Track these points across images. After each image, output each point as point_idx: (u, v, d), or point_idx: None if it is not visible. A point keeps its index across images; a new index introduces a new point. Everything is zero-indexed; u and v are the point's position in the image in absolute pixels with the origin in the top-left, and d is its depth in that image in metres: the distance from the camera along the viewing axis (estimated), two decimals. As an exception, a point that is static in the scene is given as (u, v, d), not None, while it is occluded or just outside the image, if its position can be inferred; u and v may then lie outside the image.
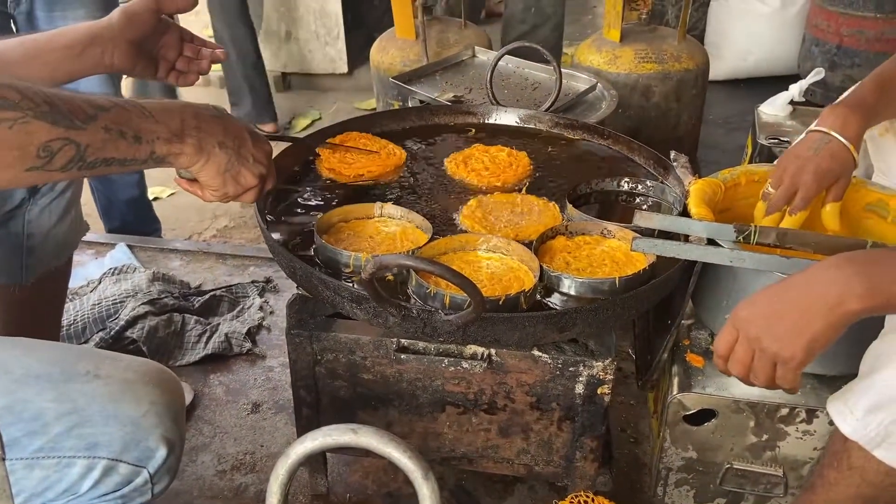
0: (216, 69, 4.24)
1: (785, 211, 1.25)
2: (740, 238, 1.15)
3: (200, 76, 1.33)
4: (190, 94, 3.93)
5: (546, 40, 3.07)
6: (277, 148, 1.45)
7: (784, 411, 1.23)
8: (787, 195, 1.23)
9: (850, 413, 1.00)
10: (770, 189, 1.26)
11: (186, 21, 1.98)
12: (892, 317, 1.05)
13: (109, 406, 0.95)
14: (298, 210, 1.38)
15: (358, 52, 4.01)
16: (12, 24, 2.02)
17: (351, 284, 1.15)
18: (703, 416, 1.28)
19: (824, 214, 1.26)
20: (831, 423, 1.04)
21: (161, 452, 0.97)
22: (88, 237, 2.20)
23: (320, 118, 3.97)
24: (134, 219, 2.35)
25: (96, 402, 0.95)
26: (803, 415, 1.22)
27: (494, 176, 1.47)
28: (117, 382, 0.97)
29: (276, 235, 1.28)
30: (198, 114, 0.96)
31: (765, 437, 1.26)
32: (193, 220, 3.09)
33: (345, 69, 4.17)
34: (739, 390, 1.24)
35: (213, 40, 2.99)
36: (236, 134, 1.01)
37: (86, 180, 2.41)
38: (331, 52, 4.11)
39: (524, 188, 1.44)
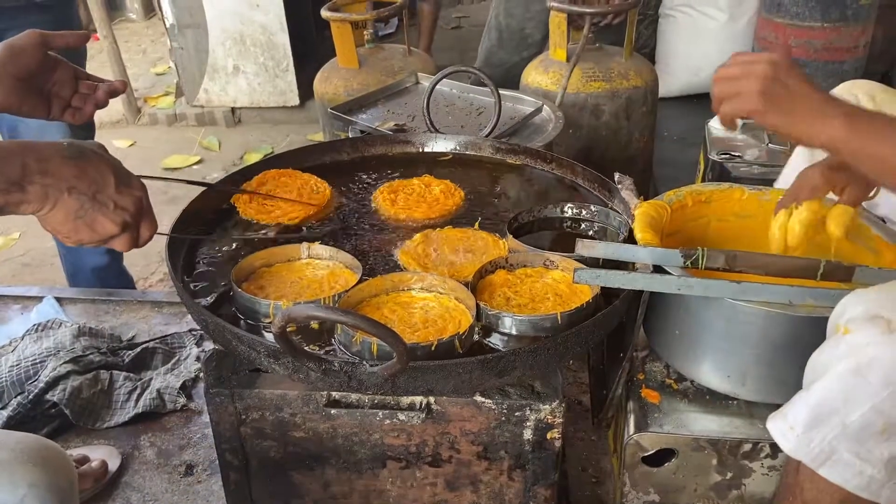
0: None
1: (792, 209, 1.16)
2: (688, 263, 1.08)
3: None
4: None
5: None
6: (197, 190, 1.36)
7: (747, 447, 1.14)
8: (796, 192, 1.16)
9: (790, 429, 0.93)
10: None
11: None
12: (829, 326, 0.98)
13: None
14: (223, 254, 1.28)
15: (309, 84, 3.93)
16: None
17: (269, 338, 1.05)
18: (663, 455, 1.19)
19: (830, 215, 1.15)
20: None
21: None
22: (14, 291, 2.08)
23: (273, 152, 3.88)
24: (101, 287, 2.21)
25: None
26: (767, 449, 1.14)
27: (405, 209, 1.40)
28: None
29: (198, 284, 1.18)
30: (43, 157, 0.86)
31: (729, 475, 1.18)
32: (139, 265, 2.96)
33: (296, 101, 4.10)
34: (699, 427, 1.16)
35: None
36: (94, 177, 0.90)
37: (54, 242, 2.30)
38: (281, 85, 4.04)
39: (477, 222, 1.35)
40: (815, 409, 0.91)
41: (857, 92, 1.45)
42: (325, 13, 2.46)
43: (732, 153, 1.99)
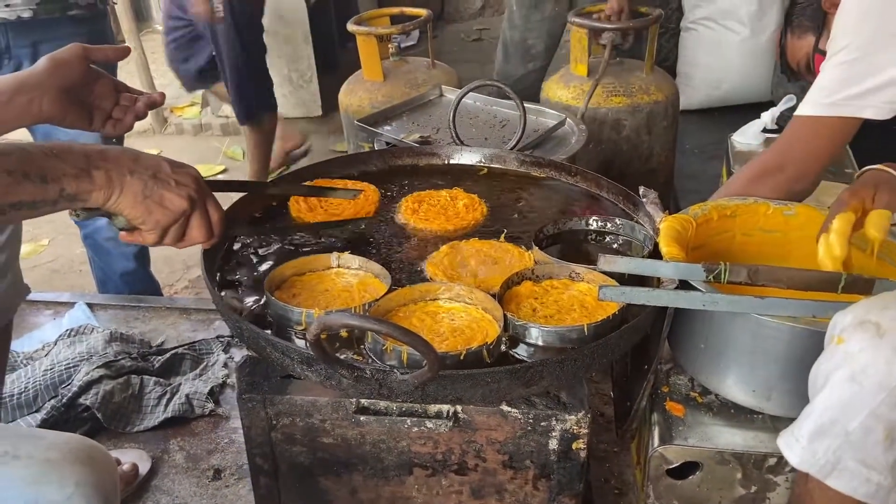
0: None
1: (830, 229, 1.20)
2: (710, 277, 1.09)
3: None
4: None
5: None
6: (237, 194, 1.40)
7: (772, 461, 1.15)
8: (830, 216, 1.21)
9: (795, 441, 0.95)
10: None
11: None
12: (826, 339, 1.00)
13: (29, 490, 0.87)
14: (257, 262, 1.32)
15: (332, 95, 3.99)
16: None
17: (302, 345, 1.08)
18: (687, 468, 1.20)
19: (868, 220, 1.19)
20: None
21: None
22: (46, 296, 2.13)
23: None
24: (129, 293, 2.27)
25: (15, 486, 0.88)
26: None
27: (423, 220, 1.43)
28: (38, 463, 0.89)
29: (231, 291, 1.21)
30: (103, 150, 0.93)
31: (754, 488, 1.18)
32: (164, 272, 3.01)
33: (319, 112, 4.16)
34: (723, 440, 1.17)
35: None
36: (148, 161, 0.96)
37: (84, 249, 2.37)
38: (304, 96, 4.09)
39: (503, 235, 1.37)
40: (817, 421, 0.92)
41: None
42: (351, 27, 2.51)
43: (755, 167, 1.99)
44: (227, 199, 1.36)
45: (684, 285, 1.13)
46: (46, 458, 0.91)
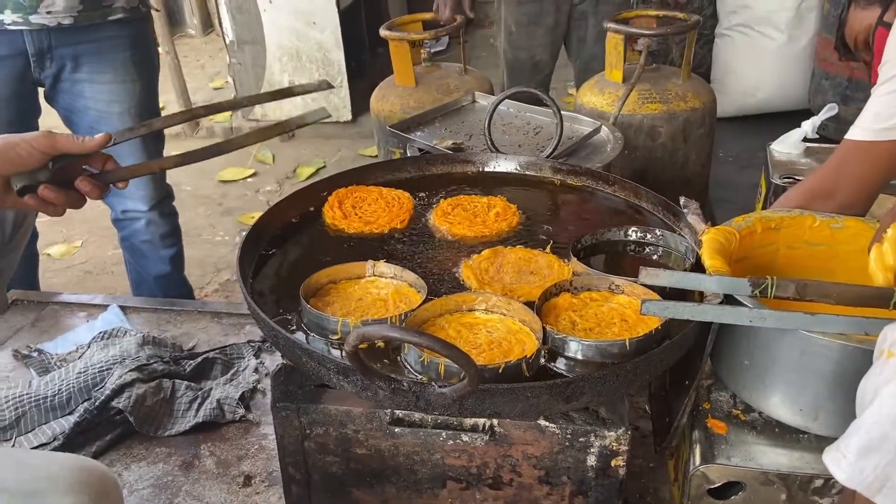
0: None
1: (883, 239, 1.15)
2: (756, 292, 1.06)
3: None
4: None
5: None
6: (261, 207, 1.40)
7: (818, 482, 1.11)
8: (883, 226, 1.16)
9: (842, 457, 0.90)
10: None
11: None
12: (875, 353, 0.96)
13: None
14: (291, 268, 1.31)
15: (362, 100, 4.02)
16: (40, 93, 2.01)
17: (338, 355, 1.06)
18: (729, 488, 1.16)
19: None
20: None
21: None
22: (80, 298, 2.14)
23: (325, 166, 3.95)
24: (163, 296, 2.29)
25: None
26: (839, 486, 1.11)
27: (447, 222, 1.43)
28: (20, 497, 0.85)
29: (265, 298, 1.21)
30: None
31: (799, 510, 1.14)
32: (195, 275, 3.03)
33: (349, 117, 4.17)
34: (767, 460, 1.13)
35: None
36: None
37: (120, 251, 2.39)
38: (334, 101, 4.10)
39: (549, 245, 1.34)
40: (866, 436, 0.88)
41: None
42: (383, 32, 2.50)
43: (796, 177, 1.94)
44: (263, 205, 1.37)
45: (729, 300, 1.10)
46: (32, 489, 0.86)
